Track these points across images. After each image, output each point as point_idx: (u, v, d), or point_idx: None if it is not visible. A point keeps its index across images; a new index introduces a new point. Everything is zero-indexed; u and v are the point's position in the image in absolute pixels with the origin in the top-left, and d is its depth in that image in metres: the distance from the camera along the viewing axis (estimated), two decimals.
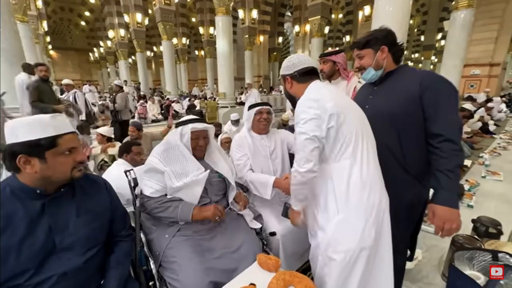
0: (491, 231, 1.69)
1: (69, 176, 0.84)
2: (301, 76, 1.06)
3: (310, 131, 0.91)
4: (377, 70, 1.12)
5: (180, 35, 16.95)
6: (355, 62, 1.19)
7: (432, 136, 1.00)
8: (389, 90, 1.12)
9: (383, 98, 1.13)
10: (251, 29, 12.89)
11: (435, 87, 0.99)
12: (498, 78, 10.18)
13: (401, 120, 1.06)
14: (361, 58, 1.15)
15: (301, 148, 0.93)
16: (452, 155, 0.95)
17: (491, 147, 4.80)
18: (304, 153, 0.92)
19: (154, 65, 24.10)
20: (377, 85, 1.18)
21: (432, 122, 1.00)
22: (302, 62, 1.06)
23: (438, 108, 0.98)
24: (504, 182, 3.16)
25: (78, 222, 0.87)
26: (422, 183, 1.10)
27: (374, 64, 1.11)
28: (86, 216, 0.89)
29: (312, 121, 0.92)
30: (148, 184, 1.23)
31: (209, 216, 1.17)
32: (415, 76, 1.05)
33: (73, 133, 0.86)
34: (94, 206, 0.93)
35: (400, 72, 1.12)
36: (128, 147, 2.13)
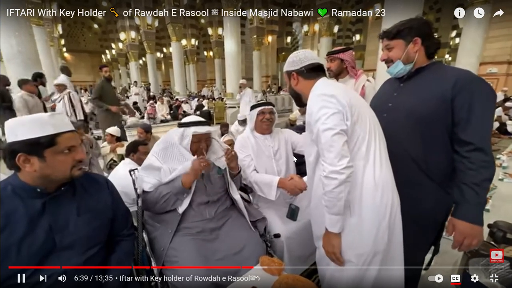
0: (509, 236, 1.60)
1: (69, 174, 0.84)
2: (308, 72, 1.02)
3: (337, 126, 0.85)
4: (406, 64, 1.00)
5: (189, 36, 17.14)
6: (382, 54, 1.07)
7: (461, 143, 0.90)
8: (417, 88, 1.01)
9: (410, 97, 1.02)
10: (259, 29, 12.88)
11: (471, 89, 0.88)
12: None
13: (427, 122, 0.95)
14: (390, 49, 1.03)
15: (330, 144, 0.85)
16: (482, 167, 0.86)
17: (509, 148, 4.58)
18: (336, 149, 0.84)
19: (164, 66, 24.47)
20: (404, 81, 1.06)
21: (462, 127, 0.90)
22: (308, 58, 1.02)
23: (471, 113, 0.87)
24: None
25: (78, 221, 0.87)
26: (446, 190, 1.01)
27: (404, 57, 0.99)
28: (86, 215, 0.89)
29: (335, 115, 0.86)
30: (146, 180, 1.24)
31: (195, 171, 1.16)
32: (450, 74, 0.93)
33: (73, 131, 0.86)
34: (95, 205, 0.93)
35: (432, 69, 1.00)
36: (135, 147, 2.15)
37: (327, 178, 0.86)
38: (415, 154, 1.00)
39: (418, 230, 1.01)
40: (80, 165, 0.87)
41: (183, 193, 1.19)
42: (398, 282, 0.97)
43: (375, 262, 0.92)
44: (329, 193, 0.87)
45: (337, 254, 0.93)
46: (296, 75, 1.04)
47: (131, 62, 15.42)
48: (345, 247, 0.93)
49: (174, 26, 10.90)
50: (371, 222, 0.91)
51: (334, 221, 0.90)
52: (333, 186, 0.85)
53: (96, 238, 0.92)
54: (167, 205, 1.19)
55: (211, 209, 1.27)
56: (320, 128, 0.87)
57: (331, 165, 0.85)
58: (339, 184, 0.84)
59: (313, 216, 1.14)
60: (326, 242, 0.96)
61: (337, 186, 0.85)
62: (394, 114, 1.02)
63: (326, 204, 0.90)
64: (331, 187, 0.86)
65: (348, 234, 0.92)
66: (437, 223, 1.09)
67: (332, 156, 0.84)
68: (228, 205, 1.35)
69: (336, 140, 0.84)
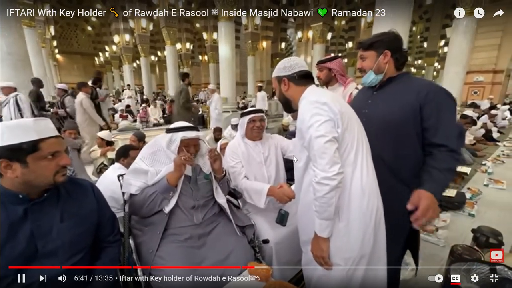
0: (492, 241, 1.65)
1: (52, 180, 0.83)
2: (300, 79, 1.04)
3: (328, 133, 0.88)
4: (377, 74, 1.10)
5: (184, 40, 17.16)
6: (358, 63, 1.17)
7: (434, 145, 1.02)
8: (388, 96, 1.10)
9: (382, 104, 1.11)
10: (254, 35, 13.02)
11: (437, 99, 1.00)
12: (501, 85, 10.12)
13: (398, 128, 1.05)
14: (364, 59, 1.13)
15: (322, 151, 0.86)
16: (452, 160, 0.99)
17: (494, 154, 4.73)
18: (328, 155, 0.86)
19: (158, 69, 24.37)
20: (376, 90, 1.16)
21: (433, 133, 1.01)
22: (299, 65, 1.05)
23: (439, 120, 1.00)
24: (508, 190, 3.10)
25: (61, 227, 0.86)
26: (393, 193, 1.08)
27: (375, 67, 1.09)
28: (70, 221, 0.88)
29: (328, 123, 0.89)
30: (132, 183, 1.23)
31: (177, 167, 1.16)
32: (416, 85, 1.05)
33: (57, 137, 0.85)
34: (79, 211, 0.92)
35: (401, 79, 1.10)
36: (126, 151, 2.13)
37: (319, 184, 0.88)
38: (387, 158, 1.07)
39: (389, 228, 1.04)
40: (64, 170, 0.86)
41: (169, 191, 1.18)
42: (383, 282, 1.00)
43: (362, 265, 0.95)
44: (320, 198, 0.89)
45: (325, 259, 0.95)
46: (287, 81, 1.06)
47: (124, 65, 15.32)
48: (334, 251, 0.95)
49: (169, 30, 10.92)
50: (358, 226, 0.94)
51: (324, 226, 0.92)
52: (325, 192, 0.87)
53: (80, 244, 0.90)
54: (154, 206, 1.18)
55: (199, 214, 1.27)
56: (312, 134, 0.89)
57: (323, 171, 0.87)
58: (330, 190, 0.87)
59: (300, 221, 1.15)
60: (315, 246, 0.97)
61: (328, 192, 0.87)
62: (368, 120, 1.07)
63: (316, 210, 0.91)
64: (322, 193, 0.88)
65: (336, 238, 0.95)
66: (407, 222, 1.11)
67: (324, 162, 0.86)
68: (217, 211, 1.35)
69: (328, 147, 0.87)
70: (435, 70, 18.15)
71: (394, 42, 1.08)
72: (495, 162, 4.21)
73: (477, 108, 7.39)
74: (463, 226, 2.29)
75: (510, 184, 3.25)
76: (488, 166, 3.86)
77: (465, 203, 2.62)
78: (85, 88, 4.16)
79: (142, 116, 7.95)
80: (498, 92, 9.96)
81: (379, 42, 1.08)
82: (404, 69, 1.14)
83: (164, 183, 1.18)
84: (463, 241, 2.04)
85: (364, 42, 1.13)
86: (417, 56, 21.47)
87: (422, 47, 18.74)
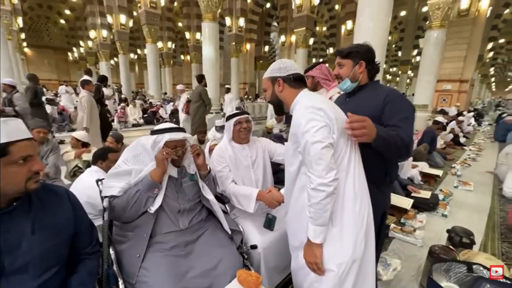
0: (465, 241, 1.76)
1: (23, 188, 0.75)
2: (294, 81, 1.04)
3: (325, 139, 0.87)
4: (353, 82, 1.17)
5: (165, 39, 16.75)
6: (335, 69, 1.22)
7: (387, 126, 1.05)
8: (358, 102, 1.18)
9: (352, 110, 1.14)
10: (238, 37, 12.99)
11: (396, 102, 1.08)
12: (467, 94, 10.96)
13: None
14: (341, 66, 1.19)
15: (319, 157, 0.86)
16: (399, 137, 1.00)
17: (462, 158, 5.09)
18: (324, 161, 0.86)
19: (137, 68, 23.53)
20: (349, 96, 1.24)
21: (387, 120, 1.06)
22: (294, 67, 1.05)
23: (395, 116, 1.05)
24: (475, 192, 3.34)
25: (33, 240, 0.77)
26: (382, 191, 1.15)
27: (351, 75, 1.16)
28: (43, 233, 0.80)
29: (324, 129, 0.89)
30: (115, 185, 1.15)
31: (160, 162, 1.13)
32: (382, 92, 1.13)
33: (30, 139, 0.77)
34: (54, 221, 0.84)
35: (371, 87, 1.18)
36: (104, 154, 2.00)
37: (315, 190, 0.87)
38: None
39: None
40: (36, 177, 0.78)
41: (153, 188, 1.13)
42: (372, 285, 1.02)
43: (353, 269, 0.95)
44: (316, 205, 0.88)
45: (319, 265, 0.95)
46: (282, 82, 1.05)
47: (101, 61, 14.60)
48: (327, 256, 0.95)
49: (150, 28, 10.56)
50: (351, 231, 0.95)
51: (318, 232, 0.92)
52: (321, 198, 0.87)
53: (53, 258, 0.82)
54: (139, 206, 1.11)
55: (185, 219, 1.22)
56: (309, 140, 0.88)
57: (319, 177, 0.86)
58: (326, 196, 0.87)
59: (290, 226, 1.14)
60: (308, 252, 0.97)
61: (324, 198, 0.87)
62: None
63: (311, 216, 0.91)
64: (318, 199, 0.87)
65: (330, 244, 0.95)
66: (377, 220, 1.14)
67: (321, 168, 0.86)
68: (204, 217, 1.30)
69: (325, 153, 0.86)
70: (408, 77, 19.28)
71: (368, 54, 1.16)
72: (463, 165, 4.53)
73: (446, 115, 7.92)
74: (438, 226, 2.42)
75: (476, 186, 3.51)
76: (457, 169, 4.14)
77: (439, 204, 2.78)
78: (88, 86, 4.05)
79: (120, 116, 7.62)
80: (464, 100, 10.77)
81: (356, 52, 1.15)
82: (380, 77, 1.20)
83: (148, 179, 1.13)
84: (438, 241, 2.16)
85: (342, 50, 1.19)
86: (392, 64, 22.70)
87: (397, 56, 19.86)
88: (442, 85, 10.49)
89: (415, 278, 1.73)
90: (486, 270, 1.14)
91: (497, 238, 2.26)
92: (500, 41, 18.06)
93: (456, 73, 10.55)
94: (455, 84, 10.64)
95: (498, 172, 3.86)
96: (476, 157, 5.20)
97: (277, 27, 17.82)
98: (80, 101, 3.98)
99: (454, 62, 10.39)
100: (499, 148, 6.27)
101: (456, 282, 1.17)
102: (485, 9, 10.01)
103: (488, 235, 2.32)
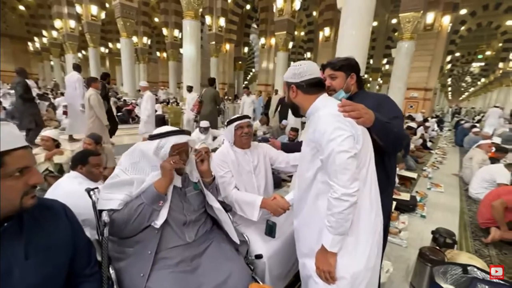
0: (448, 241, 1.88)
1: (18, 205, 0.64)
2: (308, 87, 1.02)
3: (351, 149, 0.86)
4: (346, 93, 1.22)
5: (141, 34, 15.97)
6: (327, 81, 1.23)
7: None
8: None
9: None
10: (218, 36, 12.83)
11: (387, 104, 1.21)
12: (430, 101, 11.97)
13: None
14: (334, 78, 1.22)
15: (344, 167, 0.85)
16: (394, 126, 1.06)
17: (430, 161, 5.51)
18: (350, 171, 0.85)
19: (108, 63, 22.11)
20: None
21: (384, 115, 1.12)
22: (310, 72, 1.01)
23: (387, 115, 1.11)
24: (445, 193, 3.63)
25: (26, 266, 0.66)
26: (385, 192, 1.16)
27: (345, 87, 1.22)
28: (38, 257, 0.69)
29: (350, 138, 0.88)
30: (114, 197, 1.04)
31: (166, 172, 1.05)
32: (372, 97, 1.24)
33: (26, 147, 0.66)
34: (50, 242, 0.73)
35: (361, 95, 1.25)
36: (84, 158, 1.81)
37: (338, 200, 0.87)
38: None
39: None
40: (33, 191, 0.67)
41: (159, 200, 1.03)
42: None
43: (366, 278, 0.96)
44: (338, 214, 0.87)
45: (332, 273, 0.94)
46: (296, 89, 1.03)
47: (67, 54, 13.51)
48: (340, 265, 0.95)
49: (125, 21, 10.00)
50: (366, 240, 0.96)
51: (336, 241, 0.91)
52: (344, 208, 0.86)
53: (50, 285, 0.71)
54: (143, 220, 1.01)
55: (191, 231, 1.14)
56: (335, 149, 0.87)
57: (344, 187, 0.86)
58: (349, 206, 0.86)
59: (299, 232, 1.12)
60: (321, 260, 0.96)
61: (347, 208, 0.86)
62: None
63: (331, 225, 0.90)
64: (341, 209, 0.87)
65: (345, 253, 0.94)
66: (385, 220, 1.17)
67: (346, 178, 0.85)
68: (209, 228, 1.23)
69: (350, 163, 0.86)
70: (378, 84, 20.56)
71: (356, 67, 1.25)
72: (432, 168, 4.90)
73: (414, 121, 8.56)
74: (418, 227, 2.58)
75: (446, 188, 3.82)
76: (428, 172, 4.47)
77: (417, 205, 2.97)
78: (95, 83, 4.02)
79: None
80: (428, 107, 11.74)
81: (348, 65, 1.22)
82: None
83: (152, 191, 1.03)
84: (421, 241, 2.29)
85: (334, 63, 1.23)
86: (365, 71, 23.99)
87: (369, 63, 21.08)
88: (409, 92, 11.31)
89: (404, 279, 1.81)
90: (480, 271, 1.23)
91: (470, 237, 2.47)
92: (457, 55, 20.10)
93: (421, 82, 11.47)
94: (420, 92, 11.56)
95: (463, 174, 4.24)
96: (443, 160, 5.67)
97: (256, 29, 17.92)
98: (88, 100, 3.92)
99: (420, 72, 11.29)
100: (459, 152, 6.93)
101: (452, 283, 1.25)
102: (447, 25, 11.04)
103: (461, 234, 2.52)
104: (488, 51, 19.78)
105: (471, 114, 19.32)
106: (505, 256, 2.17)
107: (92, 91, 3.95)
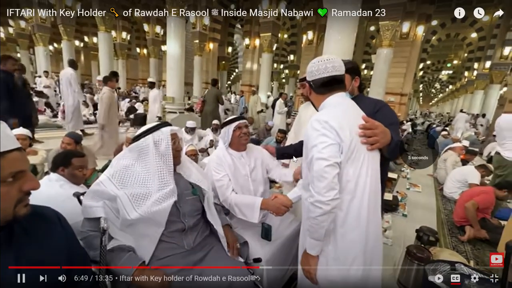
0: (431, 239, 1.99)
1: (11, 214, 0.57)
2: (319, 87, 0.99)
3: (331, 157, 0.85)
4: (351, 95, 1.25)
5: (119, 28, 15.27)
6: None
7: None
8: None
9: None
10: (202, 35, 12.63)
11: (384, 109, 1.26)
12: (405, 106, 12.70)
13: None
14: None
15: (321, 174, 0.84)
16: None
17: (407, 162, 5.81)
18: (326, 180, 0.84)
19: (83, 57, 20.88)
20: None
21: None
22: (322, 71, 0.96)
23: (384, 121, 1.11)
24: (423, 193, 3.85)
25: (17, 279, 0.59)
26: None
27: (350, 89, 1.25)
28: (29, 272, 0.62)
29: (333, 147, 0.87)
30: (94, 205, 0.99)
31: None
32: (371, 101, 1.29)
33: (20, 149, 0.60)
34: (43, 254, 0.66)
35: (360, 98, 1.28)
36: (67, 159, 1.68)
37: (313, 205, 0.88)
38: None
39: None
40: (27, 199, 0.61)
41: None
42: None
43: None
44: (313, 219, 0.90)
45: (312, 274, 0.97)
46: (309, 87, 1.05)
47: (37, 46, 12.54)
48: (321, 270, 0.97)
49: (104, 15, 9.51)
50: (346, 256, 0.94)
51: (314, 245, 0.95)
52: (317, 214, 0.88)
53: None
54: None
55: (189, 238, 1.09)
56: (314, 155, 0.88)
57: (318, 194, 0.86)
58: (322, 213, 0.87)
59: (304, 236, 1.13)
60: (303, 260, 1.01)
61: (320, 215, 0.87)
62: None
63: (308, 228, 0.94)
64: (315, 215, 0.88)
65: (326, 260, 0.96)
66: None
67: (322, 186, 0.85)
68: (208, 233, 1.19)
69: (328, 171, 0.85)
70: None
71: (359, 70, 1.31)
72: (410, 169, 5.18)
73: None
74: (401, 226, 2.71)
75: (423, 188, 4.06)
76: (407, 172, 4.72)
77: (399, 205, 3.11)
78: (111, 82, 3.99)
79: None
80: (404, 111, 12.43)
81: (353, 68, 1.26)
82: None
83: (128, 271, 0.90)
84: (404, 239, 2.41)
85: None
86: None
87: None
88: (387, 97, 11.90)
89: (392, 276, 1.89)
90: (466, 268, 1.31)
91: (448, 234, 2.64)
92: (428, 62, 21.49)
93: (397, 87, 12.11)
94: (397, 97, 12.20)
95: (437, 175, 4.53)
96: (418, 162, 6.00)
97: (240, 29, 17.87)
98: (101, 98, 3.92)
99: (397, 78, 11.90)
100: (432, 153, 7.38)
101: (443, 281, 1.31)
102: (421, 35, 11.75)
103: (440, 231, 2.68)
104: (456, 60, 21.38)
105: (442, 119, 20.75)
106: (478, 251, 2.35)
107: (106, 89, 3.92)
